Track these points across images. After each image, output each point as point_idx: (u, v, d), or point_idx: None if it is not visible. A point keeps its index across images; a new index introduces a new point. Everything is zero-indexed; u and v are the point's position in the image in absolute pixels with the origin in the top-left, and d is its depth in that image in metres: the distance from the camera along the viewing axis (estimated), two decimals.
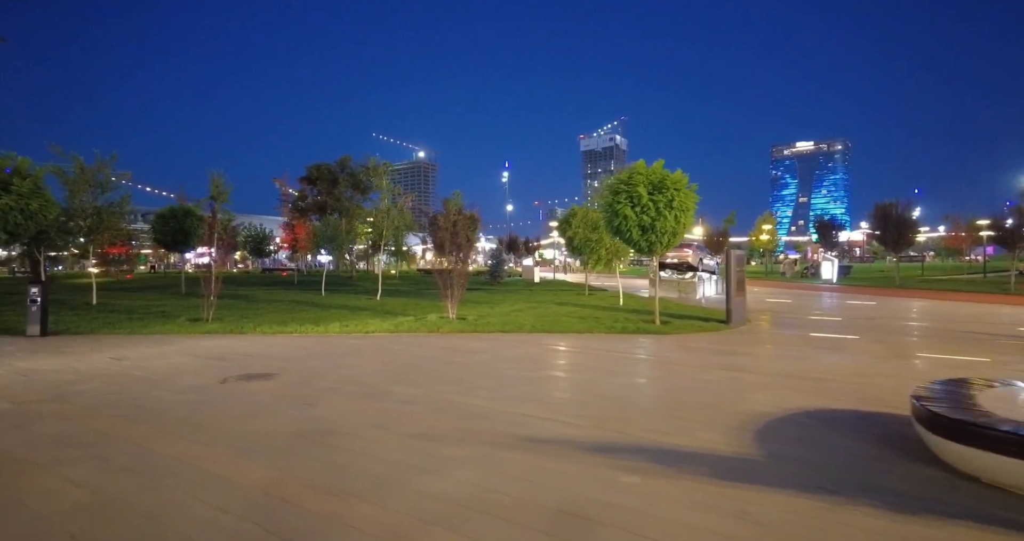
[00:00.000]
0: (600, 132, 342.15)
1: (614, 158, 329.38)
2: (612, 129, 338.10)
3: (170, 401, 5.71)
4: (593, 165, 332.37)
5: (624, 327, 11.75)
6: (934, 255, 68.10)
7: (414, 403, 5.56)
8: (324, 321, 12.74)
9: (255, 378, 6.89)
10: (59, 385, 6.47)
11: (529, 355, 8.61)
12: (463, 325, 12.11)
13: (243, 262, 74.56)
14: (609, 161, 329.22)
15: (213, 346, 9.63)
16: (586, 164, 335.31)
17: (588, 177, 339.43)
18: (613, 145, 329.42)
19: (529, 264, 36.85)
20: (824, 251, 56.57)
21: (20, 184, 12.17)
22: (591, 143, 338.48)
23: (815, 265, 38.39)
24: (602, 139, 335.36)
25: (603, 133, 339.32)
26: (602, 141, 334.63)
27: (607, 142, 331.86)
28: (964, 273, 40.46)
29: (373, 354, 8.83)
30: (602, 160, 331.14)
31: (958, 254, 47.99)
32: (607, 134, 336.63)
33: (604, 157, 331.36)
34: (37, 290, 10.78)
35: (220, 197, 19.86)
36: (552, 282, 34.51)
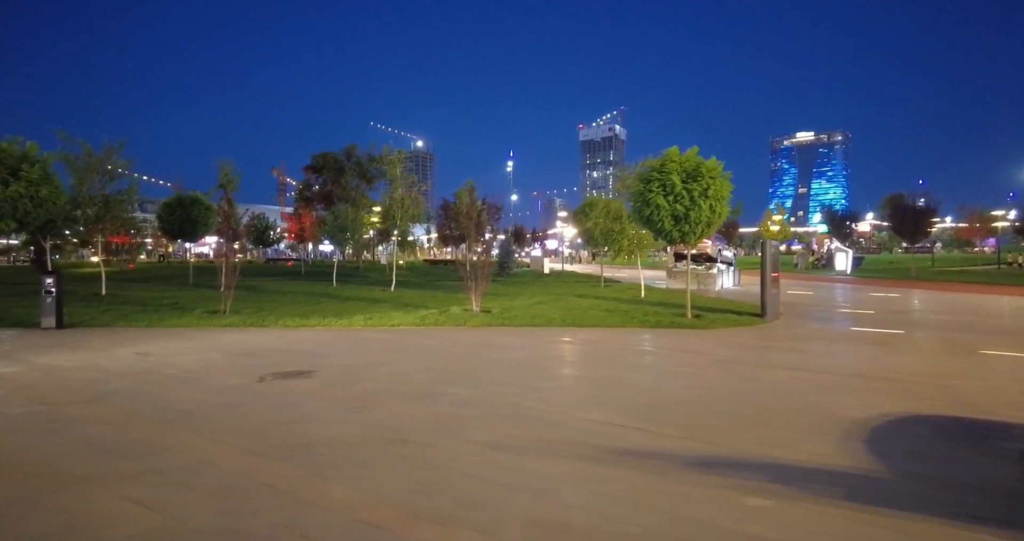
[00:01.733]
0: (599, 122, 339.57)
1: (613, 148, 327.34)
2: (611, 119, 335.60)
3: (212, 404, 5.32)
4: (592, 155, 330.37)
5: (657, 321, 11.38)
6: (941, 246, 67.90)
7: (473, 406, 5.19)
8: (345, 314, 12.35)
9: (293, 376, 6.52)
10: (88, 384, 6.07)
11: (573, 352, 8.25)
12: (489, 319, 11.73)
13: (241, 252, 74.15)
14: (608, 151, 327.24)
15: (237, 341, 9.24)
16: (585, 154, 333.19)
17: (587, 168, 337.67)
18: (612, 135, 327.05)
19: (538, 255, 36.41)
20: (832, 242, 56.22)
21: (29, 170, 11.65)
22: (590, 133, 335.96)
23: (824, 256, 38.04)
24: (601, 129, 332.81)
25: (602, 123, 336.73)
26: (601, 131, 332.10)
27: (606, 132, 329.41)
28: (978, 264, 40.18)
29: (407, 350, 8.45)
30: (601, 150, 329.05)
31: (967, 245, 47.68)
32: (606, 124, 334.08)
33: (603, 147, 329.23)
34: (52, 281, 10.35)
35: (229, 185, 19.46)
36: (562, 274, 34.14)
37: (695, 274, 21.72)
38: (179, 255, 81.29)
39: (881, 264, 43.80)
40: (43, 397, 5.52)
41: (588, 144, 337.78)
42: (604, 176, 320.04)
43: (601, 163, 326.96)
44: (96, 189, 16.32)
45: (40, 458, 3.84)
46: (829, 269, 33.69)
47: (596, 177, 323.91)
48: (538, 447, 4.03)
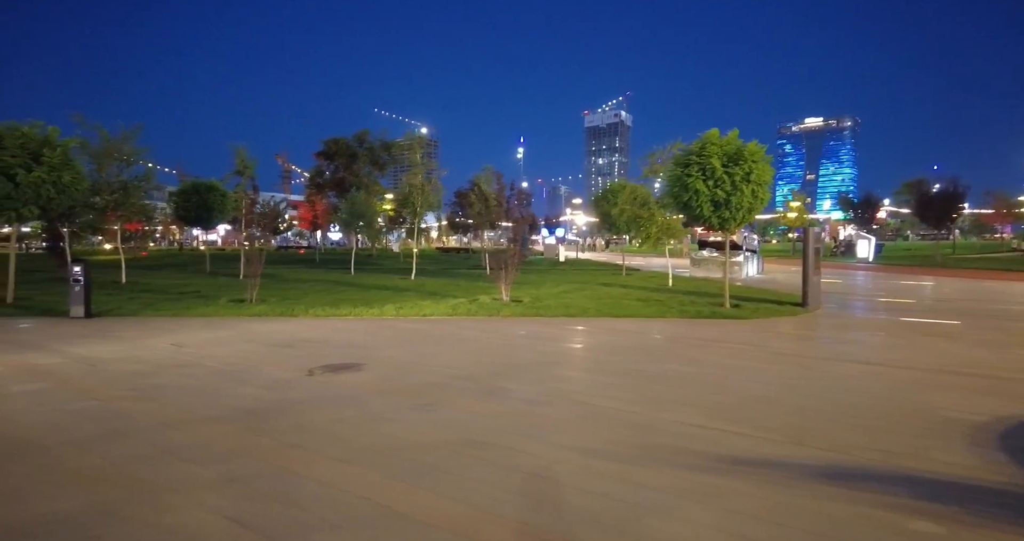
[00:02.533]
0: (605, 108, 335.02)
1: (619, 135, 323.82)
2: (617, 105, 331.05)
3: (268, 400, 5.04)
4: (597, 142, 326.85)
5: (697, 311, 11.02)
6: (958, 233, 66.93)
7: (544, 404, 4.88)
8: (374, 303, 12.06)
9: (342, 370, 6.23)
10: (132, 377, 5.81)
11: (623, 345, 7.92)
12: (522, 308, 11.41)
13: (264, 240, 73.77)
14: (614, 138, 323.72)
15: (271, 331, 8.97)
16: (590, 141, 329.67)
17: (592, 154, 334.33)
18: (618, 121, 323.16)
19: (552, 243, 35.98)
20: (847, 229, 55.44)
21: (51, 155, 11.33)
22: (595, 119, 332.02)
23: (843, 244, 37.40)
24: (607, 115, 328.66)
25: (608, 109, 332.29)
26: (607, 117, 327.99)
27: (612, 118, 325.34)
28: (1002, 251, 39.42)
29: (449, 341, 8.16)
30: (606, 137, 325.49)
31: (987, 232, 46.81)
32: (612, 110, 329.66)
33: (608, 133, 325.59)
34: (80, 270, 10.09)
35: (246, 171, 19.10)
36: (578, 262, 33.76)
37: (719, 262, 21.33)
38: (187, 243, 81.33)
39: (899, 251, 43.06)
40: (91, 391, 5.25)
41: (593, 131, 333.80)
42: (609, 163, 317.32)
43: (607, 150, 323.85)
44: (114, 175, 16.01)
45: (109, 462, 3.56)
46: (849, 256, 33.13)
47: (601, 164, 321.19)
48: (638, 454, 3.72)
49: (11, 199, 11.11)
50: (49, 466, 3.52)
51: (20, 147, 11.11)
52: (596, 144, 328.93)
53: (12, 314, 10.41)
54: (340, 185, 33.47)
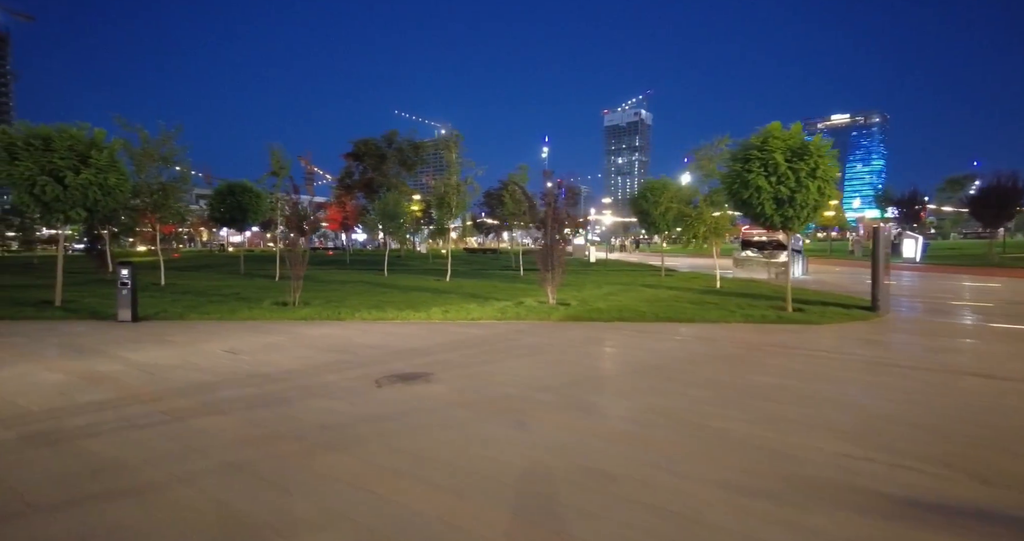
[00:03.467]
0: (624, 107, 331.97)
1: (639, 134, 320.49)
2: (637, 104, 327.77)
3: (344, 414, 4.66)
4: (617, 141, 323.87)
5: (763, 315, 10.39)
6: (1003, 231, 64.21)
7: (651, 425, 4.39)
8: (418, 306, 11.70)
9: (412, 380, 5.84)
10: (197, 389, 5.49)
11: (698, 353, 7.37)
12: (573, 312, 10.91)
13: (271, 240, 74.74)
14: (634, 137, 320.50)
15: (323, 336, 8.66)
16: (609, 140, 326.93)
17: (611, 154, 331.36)
18: (638, 120, 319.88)
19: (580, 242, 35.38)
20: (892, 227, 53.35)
21: (98, 157, 11.24)
22: (615, 118, 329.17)
23: None
24: (627, 114, 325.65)
25: (627, 108, 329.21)
26: (627, 116, 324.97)
27: (632, 117, 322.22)
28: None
29: (510, 348, 7.72)
30: (626, 135, 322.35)
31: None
32: (632, 109, 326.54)
33: (628, 132, 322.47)
34: (127, 272, 9.93)
35: (282, 172, 18.97)
36: (609, 262, 33.12)
37: (763, 262, 20.53)
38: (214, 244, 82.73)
39: (944, 250, 41.29)
40: (158, 403, 4.94)
41: (612, 129, 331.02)
42: (629, 162, 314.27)
43: (626, 149, 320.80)
44: (153, 176, 16.00)
45: (207, 495, 3.18)
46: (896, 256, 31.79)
47: (621, 163, 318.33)
48: (791, 490, 3.21)
49: (59, 201, 11.05)
50: (161, 503, 3.17)
51: (69, 149, 11.04)
52: (616, 143, 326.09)
53: (61, 317, 10.32)
54: (368, 186, 33.44)
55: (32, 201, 10.95)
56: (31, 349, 7.39)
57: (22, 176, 10.64)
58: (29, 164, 10.66)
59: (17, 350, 7.32)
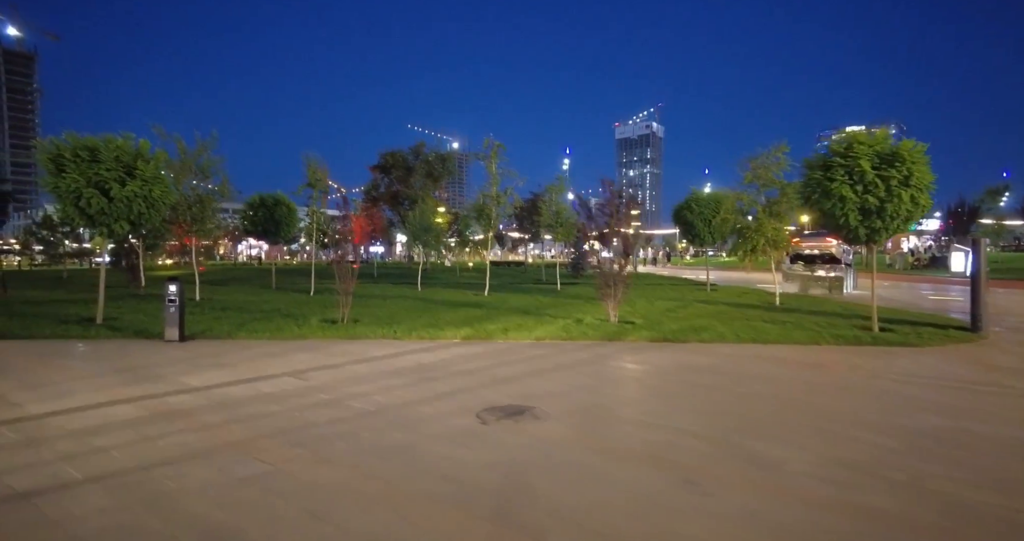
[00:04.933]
0: (636, 119, 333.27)
1: (651, 146, 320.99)
2: (648, 116, 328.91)
3: (463, 463, 3.95)
4: (628, 153, 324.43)
5: (856, 337, 9.55)
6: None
7: (852, 487, 3.59)
8: (474, 323, 11.02)
9: (515, 414, 5.13)
10: (281, 424, 4.83)
11: (814, 382, 6.58)
12: (644, 331, 10.15)
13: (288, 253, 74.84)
14: (646, 149, 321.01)
15: (387, 357, 8.00)
16: (621, 152, 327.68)
17: (623, 166, 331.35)
18: (649, 132, 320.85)
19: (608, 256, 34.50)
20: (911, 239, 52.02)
21: (144, 168, 10.82)
22: (626, 131, 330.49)
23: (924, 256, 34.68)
24: (638, 126, 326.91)
25: (639, 120, 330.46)
26: (638, 128, 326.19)
27: (643, 130, 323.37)
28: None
29: (604, 374, 7.02)
30: (638, 148, 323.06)
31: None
32: (643, 121, 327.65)
33: (640, 145, 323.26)
34: (175, 289, 9.38)
35: (318, 184, 18.54)
36: (641, 275, 32.25)
37: (815, 277, 19.55)
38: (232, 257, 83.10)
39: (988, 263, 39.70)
40: (249, 446, 4.28)
41: (624, 142, 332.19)
42: (641, 174, 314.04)
43: (638, 161, 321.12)
44: (191, 188, 15.63)
45: None
46: (935, 269, 30.54)
47: (633, 175, 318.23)
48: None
49: (104, 214, 10.61)
50: None
51: (115, 160, 10.63)
52: (627, 156, 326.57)
53: (107, 336, 9.79)
54: (395, 198, 33.10)
55: (77, 214, 10.53)
56: (88, 374, 6.81)
57: (68, 188, 10.23)
58: (76, 176, 10.25)
59: (74, 375, 6.74)
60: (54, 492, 3.45)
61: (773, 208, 15.00)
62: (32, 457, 4.06)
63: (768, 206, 15.10)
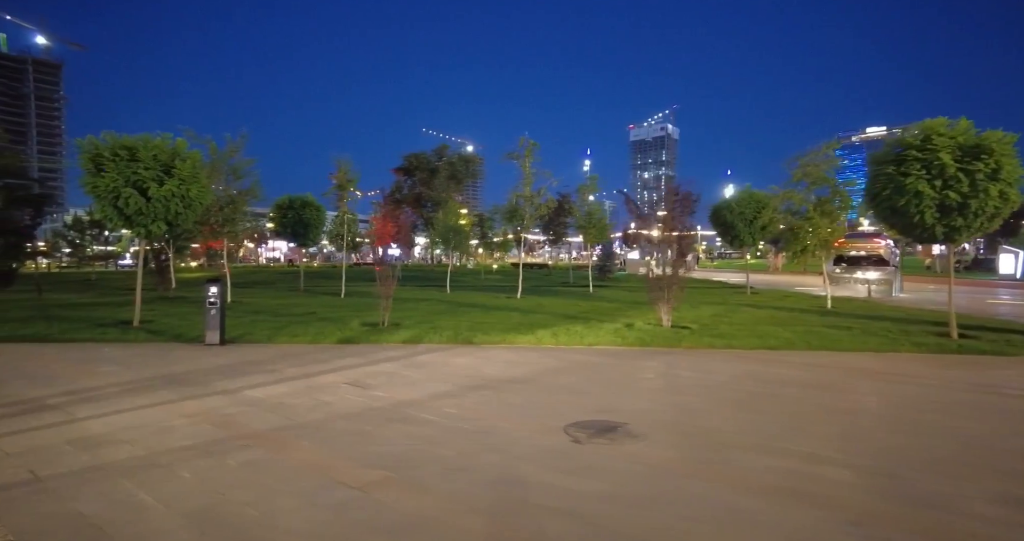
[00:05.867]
0: (651, 121, 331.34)
1: (666, 148, 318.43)
2: (663, 118, 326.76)
3: (572, 494, 3.44)
4: (643, 155, 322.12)
5: (938, 344, 8.86)
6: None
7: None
8: (520, 327, 10.53)
9: (608, 432, 4.61)
10: (353, 440, 4.37)
11: (932, 402, 5.95)
12: (703, 338, 9.54)
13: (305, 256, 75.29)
14: (660, 151, 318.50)
15: (442, 364, 7.54)
16: (635, 155, 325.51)
17: (638, 168, 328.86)
18: (664, 134, 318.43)
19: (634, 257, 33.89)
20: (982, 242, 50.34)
21: (181, 167, 10.55)
22: (641, 133, 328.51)
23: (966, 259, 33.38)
24: (653, 128, 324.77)
25: (654, 122, 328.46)
26: (653, 130, 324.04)
27: (658, 132, 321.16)
28: None
29: (678, 384, 6.45)
30: (652, 150, 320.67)
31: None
32: (658, 123, 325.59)
33: (655, 147, 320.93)
34: (215, 290, 9.05)
35: (348, 185, 18.27)
36: None
37: (861, 280, 18.71)
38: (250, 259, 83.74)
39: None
40: (316, 465, 3.81)
41: (639, 144, 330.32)
42: (656, 176, 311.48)
43: (652, 163, 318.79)
44: (223, 189, 15.41)
45: None
46: (979, 272, 29.34)
47: (647, 177, 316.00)
48: None
49: (142, 214, 10.35)
50: None
51: (153, 159, 10.37)
52: (642, 158, 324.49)
53: (145, 339, 9.48)
54: (417, 200, 32.84)
55: (115, 214, 10.27)
56: (133, 381, 6.44)
57: (107, 188, 9.97)
58: (114, 175, 10.00)
59: (118, 381, 6.37)
60: (129, 523, 3.01)
61: (824, 207, 14.31)
62: (97, 477, 3.64)
63: (819, 205, 14.41)
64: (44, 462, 3.92)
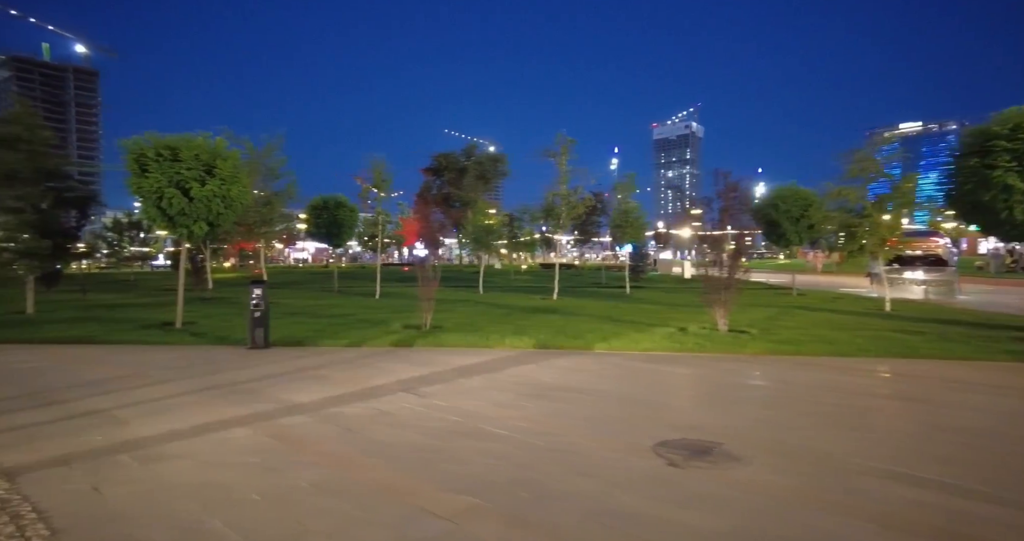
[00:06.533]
0: (675, 119, 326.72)
1: (690, 146, 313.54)
2: (687, 116, 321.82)
3: (690, 530, 2.99)
4: (667, 154, 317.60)
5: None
6: None
7: None
8: (567, 331, 10.10)
9: (703, 454, 4.14)
10: (429, 458, 4.00)
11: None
12: (766, 344, 8.95)
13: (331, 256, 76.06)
14: (684, 150, 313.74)
15: (494, 369, 7.18)
16: (658, 153, 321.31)
17: (661, 167, 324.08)
18: (688, 133, 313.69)
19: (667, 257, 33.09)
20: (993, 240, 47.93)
21: (223, 166, 10.43)
22: (664, 131, 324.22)
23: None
24: (677, 127, 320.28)
25: (678, 120, 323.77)
26: (677, 129, 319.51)
27: (682, 130, 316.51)
28: None
29: (761, 397, 5.93)
30: (676, 148, 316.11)
31: None
32: (682, 121, 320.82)
33: (678, 145, 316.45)
34: (259, 292, 8.85)
35: (382, 185, 18.08)
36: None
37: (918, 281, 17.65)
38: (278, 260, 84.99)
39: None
40: (395, 489, 3.45)
41: (662, 143, 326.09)
42: (680, 176, 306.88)
43: (676, 162, 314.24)
44: (260, 189, 15.37)
45: None
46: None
47: (671, 176, 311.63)
48: None
49: (184, 215, 10.26)
50: None
51: (195, 158, 10.27)
52: (666, 157, 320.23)
53: (190, 342, 9.36)
54: (446, 200, 32.70)
55: (159, 215, 10.21)
56: (184, 389, 6.21)
57: (151, 189, 9.91)
58: (158, 175, 9.92)
59: (171, 390, 6.16)
60: None
61: (883, 203, 13.48)
62: (163, 498, 3.35)
63: (878, 202, 13.58)
64: (106, 478, 3.65)
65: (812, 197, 17.79)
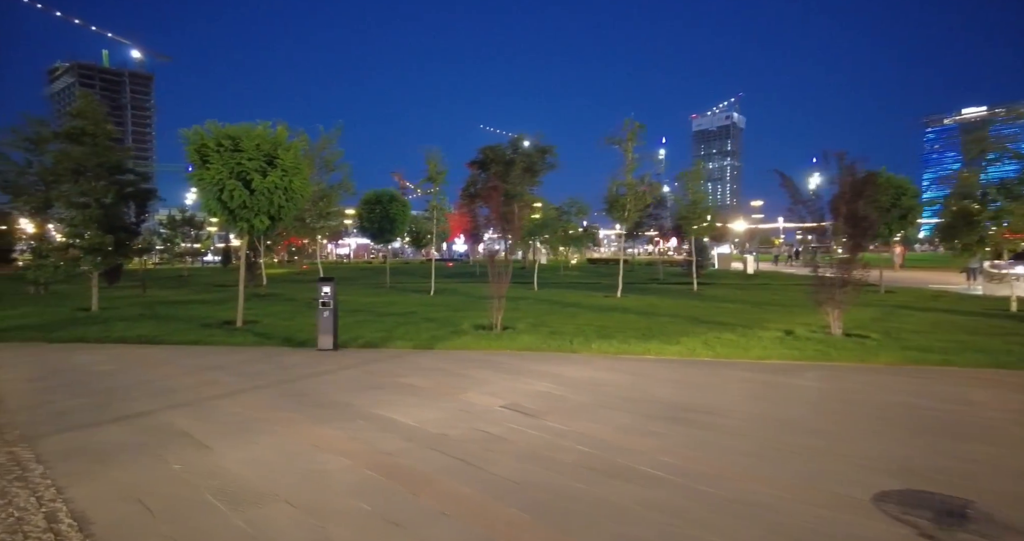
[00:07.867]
0: (715, 110, 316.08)
1: (731, 137, 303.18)
2: (728, 107, 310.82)
3: None
4: (707, 146, 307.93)
5: None
6: None
7: None
8: (656, 333, 9.07)
9: (960, 518, 3.10)
10: (562, 492, 3.11)
11: None
12: (891, 350, 7.69)
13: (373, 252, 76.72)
14: (725, 141, 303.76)
15: (595, 381, 6.25)
16: (698, 145, 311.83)
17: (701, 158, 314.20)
18: (730, 123, 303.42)
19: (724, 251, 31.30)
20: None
21: (284, 157, 9.86)
22: (704, 123, 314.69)
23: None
24: (717, 118, 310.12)
25: (718, 111, 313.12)
26: (717, 120, 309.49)
27: (723, 120, 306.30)
28: None
29: (940, 423, 4.77)
30: (717, 140, 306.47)
31: None
32: (723, 112, 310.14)
33: (719, 136, 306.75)
34: (329, 290, 8.21)
35: (438, 178, 17.38)
36: (774, 274, 28.96)
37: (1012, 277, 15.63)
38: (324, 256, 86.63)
39: None
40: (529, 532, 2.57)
41: (702, 134, 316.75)
42: (720, 167, 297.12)
43: (717, 154, 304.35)
44: (316, 182, 14.89)
45: None
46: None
47: (712, 168, 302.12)
48: None
49: (246, 208, 9.74)
50: None
51: (256, 148, 9.73)
52: (706, 148, 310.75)
53: (254, 342, 8.83)
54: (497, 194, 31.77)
55: (219, 208, 9.73)
56: (261, 401, 5.55)
57: (212, 180, 9.42)
58: (219, 166, 9.42)
59: (248, 402, 5.50)
60: None
61: (1014, 189, 11.76)
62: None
63: (1005, 187, 11.86)
64: (192, 528, 2.92)
65: (906, 184, 16.02)
